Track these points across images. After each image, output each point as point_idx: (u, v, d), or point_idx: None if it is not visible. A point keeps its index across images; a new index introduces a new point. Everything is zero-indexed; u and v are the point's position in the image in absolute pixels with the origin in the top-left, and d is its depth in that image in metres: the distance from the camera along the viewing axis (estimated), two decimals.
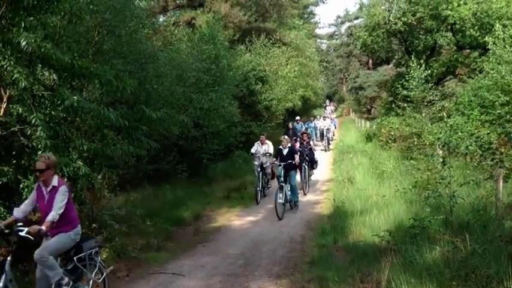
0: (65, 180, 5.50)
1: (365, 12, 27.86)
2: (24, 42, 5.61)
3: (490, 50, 13.95)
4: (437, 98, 16.18)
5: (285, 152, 11.27)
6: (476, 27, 20.72)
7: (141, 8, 10.07)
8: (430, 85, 16.28)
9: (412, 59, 16.89)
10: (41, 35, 6.16)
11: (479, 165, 10.30)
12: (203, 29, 17.45)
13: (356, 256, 6.85)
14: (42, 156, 4.86)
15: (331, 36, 60.74)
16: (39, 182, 4.83)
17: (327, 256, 7.18)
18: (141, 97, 10.17)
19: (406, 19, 22.78)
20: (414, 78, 16.02)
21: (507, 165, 9.63)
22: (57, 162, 5.31)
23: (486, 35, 18.93)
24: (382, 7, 24.46)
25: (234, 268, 7.05)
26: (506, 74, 11.86)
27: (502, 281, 4.70)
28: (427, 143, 12.86)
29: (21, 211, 4.75)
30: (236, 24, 23.77)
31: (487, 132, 11.26)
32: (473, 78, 16.11)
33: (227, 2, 23.81)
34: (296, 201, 11.32)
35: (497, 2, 19.67)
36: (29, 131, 5.88)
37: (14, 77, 5.63)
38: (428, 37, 24.00)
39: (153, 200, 10.97)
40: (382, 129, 19.38)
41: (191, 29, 19.64)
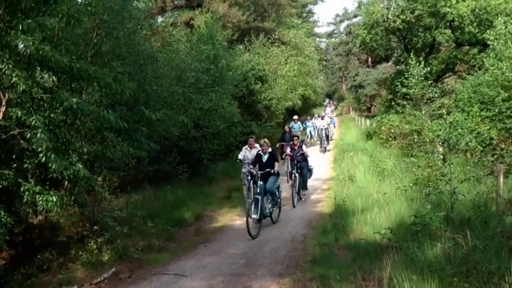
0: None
1: (364, 10, 27.78)
2: (22, 45, 5.61)
3: (489, 46, 13.92)
4: (436, 95, 16.17)
5: (264, 159, 9.88)
6: (475, 24, 20.72)
7: (139, 9, 10.07)
8: (429, 82, 16.28)
9: (411, 56, 16.88)
10: (39, 38, 6.17)
11: (479, 161, 10.28)
12: (202, 29, 17.43)
13: (358, 254, 6.85)
14: None
15: (330, 34, 60.74)
16: None
17: (328, 255, 7.18)
18: (140, 98, 10.16)
19: (404, 17, 22.76)
20: (413, 75, 16.01)
21: (507, 161, 9.62)
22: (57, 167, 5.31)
23: (485, 32, 19.00)
24: (381, 5, 24.43)
25: (236, 268, 7.06)
26: (507, 70, 11.84)
27: (504, 276, 4.70)
28: (427, 140, 12.85)
29: None
30: (235, 24, 23.74)
31: (487, 128, 11.24)
32: (472, 75, 16.07)
33: (225, 2, 23.79)
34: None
35: None
36: (28, 134, 5.88)
37: (12, 80, 5.63)
38: (427, 34, 24.00)
39: (154, 201, 10.98)
40: (382, 127, 19.37)
41: (189, 29, 19.62)
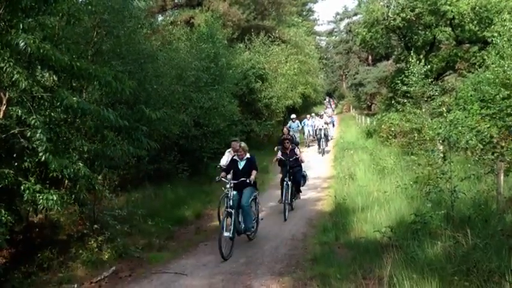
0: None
1: (364, 8, 27.76)
2: (22, 44, 5.61)
3: (490, 44, 13.86)
4: (437, 93, 16.12)
5: (240, 166, 8.44)
6: (475, 22, 20.68)
7: (140, 8, 10.06)
8: (429, 80, 16.26)
9: (411, 54, 16.85)
10: (39, 36, 6.17)
11: (480, 159, 10.27)
12: (202, 27, 17.41)
13: (358, 253, 6.86)
14: None
15: (330, 33, 60.77)
16: None
17: (328, 253, 7.19)
18: (140, 97, 10.16)
19: (404, 15, 22.72)
20: (414, 73, 15.99)
21: (508, 159, 9.60)
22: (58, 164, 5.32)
23: (485, 30, 18.99)
24: (381, 3, 24.38)
25: (236, 266, 7.06)
26: (508, 68, 11.81)
27: (504, 275, 4.70)
28: (428, 138, 12.82)
29: None
30: (235, 22, 23.75)
31: (488, 126, 11.22)
32: (473, 73, 16.06)
33: (225, 1, 23.79)
34: (251, 228, 8.27)
35: None
36: (29, 133, 5.88)
37: (13, 78, 5.64)
38: (427, 32, 23.97)
39: (154, 200, 10.98)
40: (383, 125, 19.38)
41: (190, 28, 19.62)
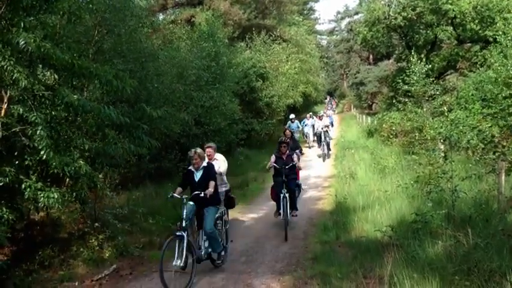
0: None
1: (365, 7, 27.79)
2: (22, 42, 5.61)
3: (492, 43, 13.82)
4: (438, 93, 16.12)
5: (197, 177, 6.83)
6: (476, 21, 20.64)
7: (141, 7, 10.06)
8: (431, 80, 16.24)
9: (412, 53, 16.84)
10: (40, 35, 6.16)
11: (481, 159, 10.27)
12: (203, 26, 17.38)
13: (358, 252, 6.86)
14: None
15: (331, 32, 60.71)
16: None
17: (329, 252, 7.19)
18: (141, 96, 10.15)
19: (406, 14, 22.71)
20: (415, 73, 15.98)
21: (509, 159, 9.59)
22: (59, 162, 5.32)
23: (487, 29, 18.95)
24: (382, 2, 24.39)
25: (237, 265, 7.07)
26: (511, 68, 11.78)
27: (505, 274, 4.70)
28: (429, 138, 12.82)
29: None
30: (236, 21, 23.72)
31: (489, 125, 11.21)
32: (474, 72, 16.04)
33: (226, 0, 23.77)
34: (220, 253, 6.86)
35: None
36: (30, 131, 5.89)
37: (14, 76, 5.64)
38: (428, 31, 23.95)
39: (155, 198, 10.95)
40: (384, 125, 19.37)
41: (191, 27, 19.60)
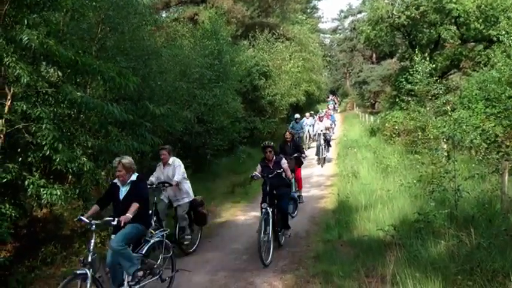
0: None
1: (368, 6, 27.69)
2: (26, 39, 5.62)
3: (495, 42, 13.78)
4: (441, 92, 16.08)
5: (122, 193, 5.41)
6: (480, 20, 20.55)
7: (144, 5, 10.05)
8: (434, 79, 16.21)
9: (416, 52, 16.80)
10: (43, 32, 6.18)
11: (484, 158, 10.24)
12: (206, 24, 17.39)
13: (361, 251, 6.85)
14: None
15: (335, 30, 60.61)
16: None
17: (331, 251, 7.18)
18: (144, 93, 10.15)
19: (409, 13, 22.63)
20: (418, 72, 15.94)
21: None
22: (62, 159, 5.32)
23: (491, 28, 18.88)
24: (386, 1, 24.30)
25: (239, 263, 7.07)
26: None
27: (508, 275, 4.69)
28: (432, 137, 12.80)
29: None
30: (239, 19, 23.69)
31: (492, 125, 11.19)
32: (477, 72, 16.00)
33: None
34: (135, 273, 5.19)
35: None
36: (33, 128, 5.90)
37: (16, 72, 5.65)
38: (432, 31, 23.87)
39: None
40: (386, 124, 19.32)
41: (194, 24, 19.60)
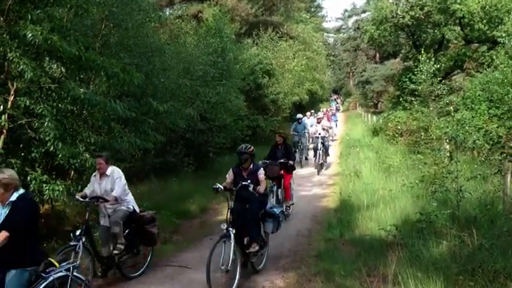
0: None
1: (372, 5, 27.66)
2: (29, 35, 5.63)
3: (499, 43, 13.76)
4: (444, 92, 16.06)
5: (0, 216, 3.84)
6: (484, 21, 20.48)
7: (148, 1, 10.07)
8: (437, 79, 16.17)
9: (421, 52, 16.77)
10: (47, 28, 6.18)
11: (486, 159, 10.23)
12: (210, 22, 17.39)
13: (362, 250, 6.84)
14: None
15: (338, 30, 60.49)
16: None
17: (333, 250, 7.17)
18: (148, 90, 10.16)
19: (413, 13, 22.60)
20: (422, 72, 15.92)
21: None
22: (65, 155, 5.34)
23: (495, 29, 18.81)
24: (390, 0, 24.27)
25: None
26: None
27: (510, 275, 4.69)
28: (434, 137, 12.79)
29: None
30: (243, 17, 23.70)
31: (495, 126, 11.16)
32: (481, 73, 15.96)
33: None
34: None
35: None
36: (36, 124, 5.91)
37: (20, 67, 5.66)
38: (436, 31, 23.84)
39: (159, 193, 10.98)
40: (389, 124, 19.31)
41: (197, 22, 19.60)
